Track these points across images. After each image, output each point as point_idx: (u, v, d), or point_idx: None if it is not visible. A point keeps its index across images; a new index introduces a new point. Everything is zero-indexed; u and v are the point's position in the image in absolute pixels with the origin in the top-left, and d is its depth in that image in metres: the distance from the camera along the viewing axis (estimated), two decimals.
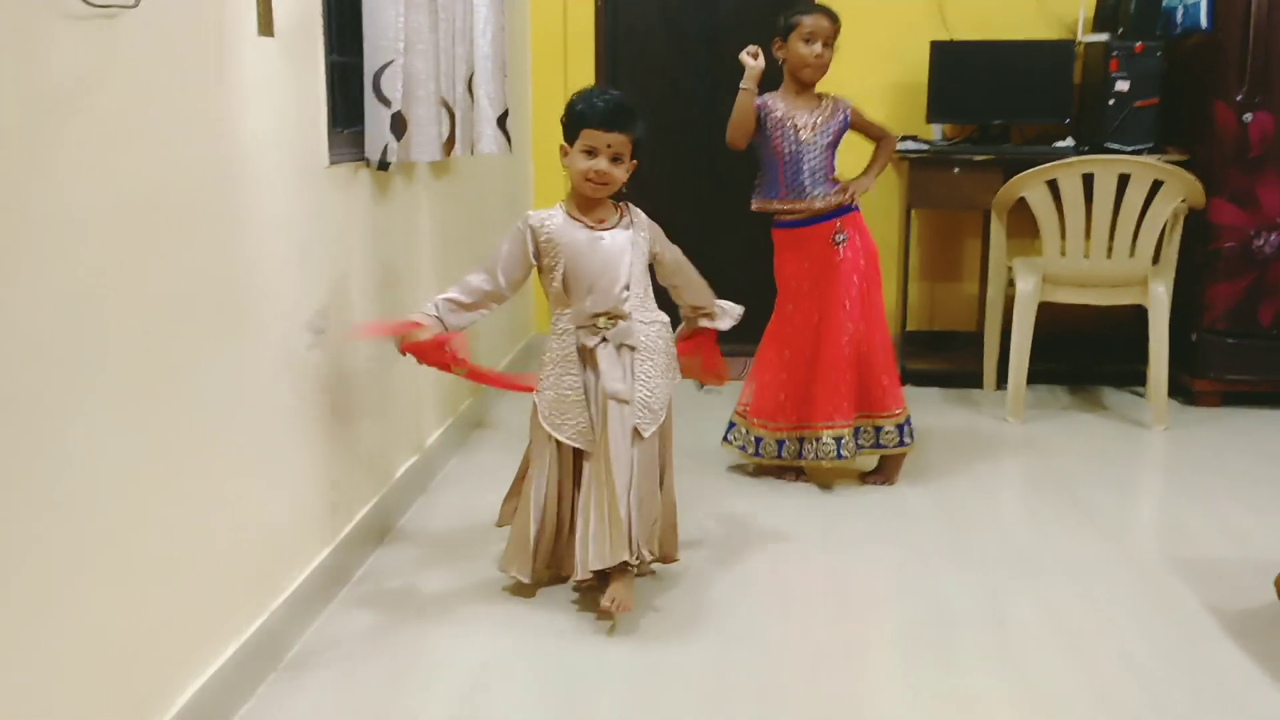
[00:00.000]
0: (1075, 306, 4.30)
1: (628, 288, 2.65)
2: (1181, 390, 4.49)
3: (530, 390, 2.75)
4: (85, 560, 1.74)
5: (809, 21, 3.37)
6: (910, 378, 4.68)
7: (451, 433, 3.80)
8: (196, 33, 2.07)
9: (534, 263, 2.70)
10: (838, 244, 3.46)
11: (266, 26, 2.33)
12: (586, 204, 2.68)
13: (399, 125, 2.92)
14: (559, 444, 2.68)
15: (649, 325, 2.68)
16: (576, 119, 2.63)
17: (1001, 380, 4.50)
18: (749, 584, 2.83)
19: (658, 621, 2.63)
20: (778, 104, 3.44)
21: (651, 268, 2.77)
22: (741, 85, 3.37)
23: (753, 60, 3.35)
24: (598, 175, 2.60)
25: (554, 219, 2.68)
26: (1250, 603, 2.71)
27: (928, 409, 4.37)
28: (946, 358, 4.91)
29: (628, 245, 2.67)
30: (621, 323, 2.64)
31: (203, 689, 2.06)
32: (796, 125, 3.41)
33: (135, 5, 1.77)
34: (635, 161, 2.67)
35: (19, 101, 1.56)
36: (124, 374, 1.83)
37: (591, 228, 2.66)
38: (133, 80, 1.84)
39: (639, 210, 2.76)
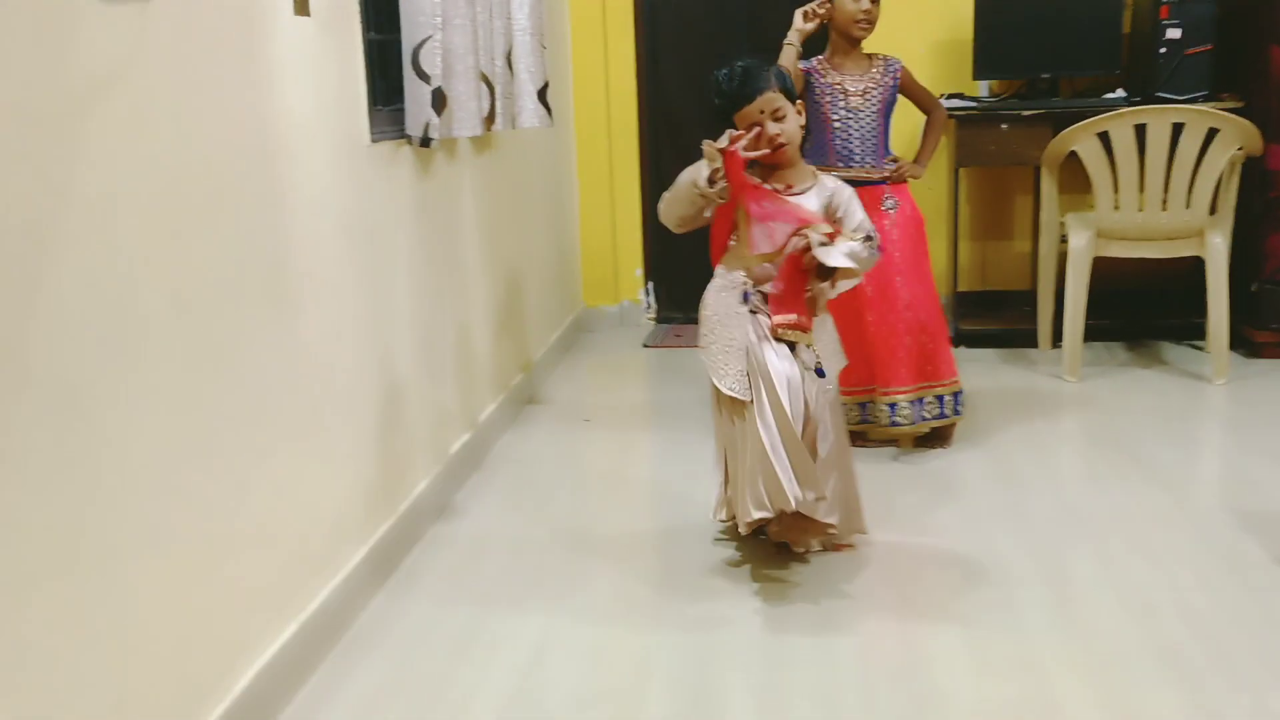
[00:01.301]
0: (1130, 261, 4.21)
1: None
2: (1243, 342, 4.39)
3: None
4: (142, 545, 1.76)
5: None
6: (964, 339, 4.62)
7: (505, 408, 3.81)
8: (231, 14, 2.08)
9: None
10: (887, 210, 3.42)
11: (302, 6, 2.33)
12: (770, 173, 2.70)
13: (439, 101, 2.92)
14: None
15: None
16: (726, 110, 2.69)
17: (1057, 338, 4.43)
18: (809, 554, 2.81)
19: (713, 593, 2.63)
20: (826, 69, 3.41)
21: None
22: (786, 40, 3.32)
23: (803, 21, 3.30)
24: (772, 139, 2.63)
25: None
26: None
27: (983, 370, 4.32)
28: (1000, 317, 4.85)
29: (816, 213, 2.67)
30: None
31: (263, 670, 2.08)
32: (846, 91, 3.38)
33: None
34: (800, 102, 2.70)
35: (54, 85, 1.57)
36: (167, 356, 1.84)
37: (779, 192, 2.68)
38: (167, 62, 1.85)
39: (828, 178, 2.75)
